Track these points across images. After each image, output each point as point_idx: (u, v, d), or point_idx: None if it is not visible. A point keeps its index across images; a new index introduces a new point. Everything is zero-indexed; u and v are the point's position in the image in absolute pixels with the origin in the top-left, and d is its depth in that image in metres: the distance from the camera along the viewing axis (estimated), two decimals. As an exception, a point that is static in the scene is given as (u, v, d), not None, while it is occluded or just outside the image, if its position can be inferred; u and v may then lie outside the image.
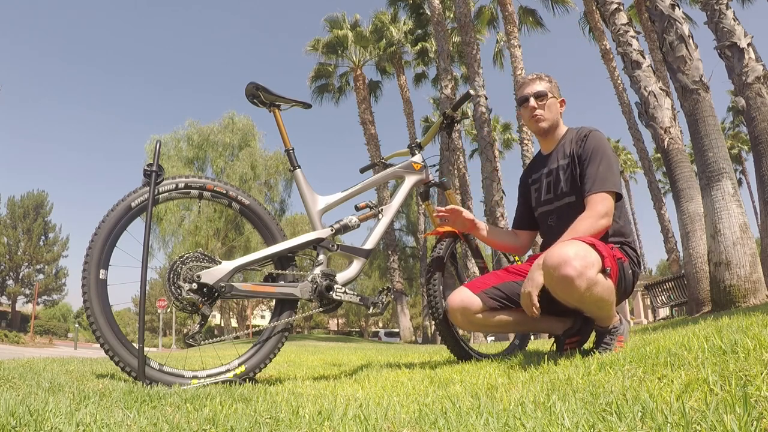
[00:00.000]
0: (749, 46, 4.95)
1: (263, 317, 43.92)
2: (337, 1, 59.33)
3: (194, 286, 1.84)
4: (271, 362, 2.08)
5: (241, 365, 1.98)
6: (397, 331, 30.59)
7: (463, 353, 2.30)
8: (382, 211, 2.28)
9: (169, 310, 26.47)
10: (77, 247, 52.86)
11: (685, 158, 5.78)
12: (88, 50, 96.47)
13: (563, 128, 2.16)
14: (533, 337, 2.83)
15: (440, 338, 2.34)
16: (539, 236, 2.29)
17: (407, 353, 3.83)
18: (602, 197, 1.89)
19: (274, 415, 1.12)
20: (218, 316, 37.89)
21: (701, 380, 1.03)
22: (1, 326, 33.98)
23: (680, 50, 5.06)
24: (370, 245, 2.23)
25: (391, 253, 19.98)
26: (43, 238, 41.21)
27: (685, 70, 5.02)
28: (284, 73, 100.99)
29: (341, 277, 2.12)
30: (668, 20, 5.17)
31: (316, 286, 2.04)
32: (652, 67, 6.14)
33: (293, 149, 2.17)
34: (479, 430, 0.89)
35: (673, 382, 1.08)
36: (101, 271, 1.80)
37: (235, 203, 2.06)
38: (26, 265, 40.46)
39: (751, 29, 5.06)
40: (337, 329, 51.72)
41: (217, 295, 1.88)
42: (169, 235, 24.11)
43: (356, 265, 2.18)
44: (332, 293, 2.06)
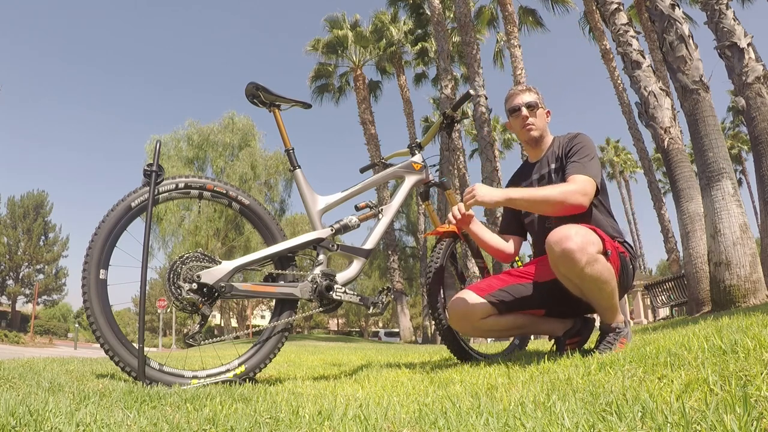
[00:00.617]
0: (749, 46, 4.95)
1: (263, 317, 43.89)
2: (337, 1, 59.30)
3: (194, 286, 1.84)
4: (271, 362, 2.08)
5: (241, 365, 1.98)
6: (397, 331, 30.59)
7: (463, 353, 2.30)
8: (382, 211, 2.28)
9: (169, 310, 26.45)
10: (77, 247, 52.92)
11: (685, 158, 5.78)
12: (88, 50, 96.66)
13: (550, 137, 2.21)
14: (533, 337, 2.83)
15: (440, 338, 2.34)
16: (531, 244, 2.30)
17: (407, 353, 3.83)
18: (587, 179, 1.92)
19: (274, 415, 1.12)
20: (218, 316, 37.88)
21: (701, 380, 1.03)
22: (1, 326, 33.96)
23: (680, 50, 5.06)
24: (370, 245, 2.23)
25: (391, 253, 19.98)
26: (43, 238, 41.21)
27: (685, 70, 5.02)
28: (284, 73, 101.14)
29: (341, 277, 2.12)
30: (668, 20, 5.17)
31: (316, 286, 2.04)
32: (652, 67, 6.14)
33: (293, 149, 2.17)
34: (479, 430, 0.89)
35: (673, 382, 1.08)
36: (101, 271, 1.80)
37: (235, 203, 2.06)
38: (26, 265, 40.45)
39: (751, 29, 5.06)
40: (337, 329, 51.71)
41: (217, 295, 1.88)
42: (169, 235, 24.11)
43: (356, 265, 2.18)
44: (332, 293, 2.06)
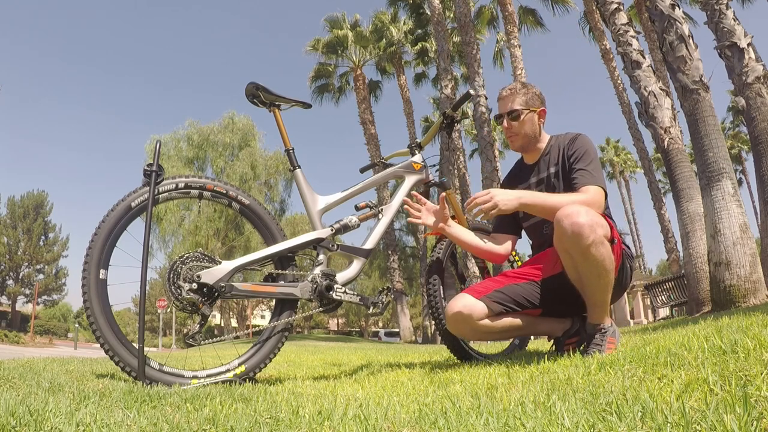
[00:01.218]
0: (749, 46, 4.95)
1: (263, 317, 43.89)
2: (337, 1, 59.33)
3: (194, 286, 1.84)
4: (271, 362, 2.08)
5: (241, 365, 1.98)
6: (397, 331, 30.59)
7: (463, 353, 2.30)
8: (382, 211, 2.27)
9: (169, 310, 26.45)
10: (77, 247, 52.96)
11: (685, 158, 5.77)
12: (88, 50, 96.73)
13: (545, 137, 2.15)
14: (533, 337, 2.83)
15: (440, 338, 2.34)
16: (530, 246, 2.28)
17: (407, 353, 3.83)
18: (599, 190, 1.91)
19: (274, 415, 1.12)
20: (218, 316, 37.88)
21: (701, 380, 1.03)
22: (1, 326, 33.98)
23: (680, 50, 5.06)
24: (370, 245, 2.23)
25: (391, 253, 19.97)
26: (43, 238, 41.22)
27: (685, 70, 5.02)
28: (284, 73, 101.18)
29: (341, 277, 2.12)
30: (668, 20, 5.17)
31: (316, 286, 2.04)
32: (652, 67, 6.14)
33: (293, 149, 2.17)
34: (479, 430, 0.89)
35: (673, 382, 1.08)
36: (101, 271, 1.80)
37: (235, 203, 2.06)
38: (26, 265, 40.46)
39: (751, 29, 5.05)
40: (337, 329, 51.71)
41: (217, 295, 1.88)
42: (169, 235, 24.11)
43: (356, 265, 2.18)
44: (332, 293, 2.06)
